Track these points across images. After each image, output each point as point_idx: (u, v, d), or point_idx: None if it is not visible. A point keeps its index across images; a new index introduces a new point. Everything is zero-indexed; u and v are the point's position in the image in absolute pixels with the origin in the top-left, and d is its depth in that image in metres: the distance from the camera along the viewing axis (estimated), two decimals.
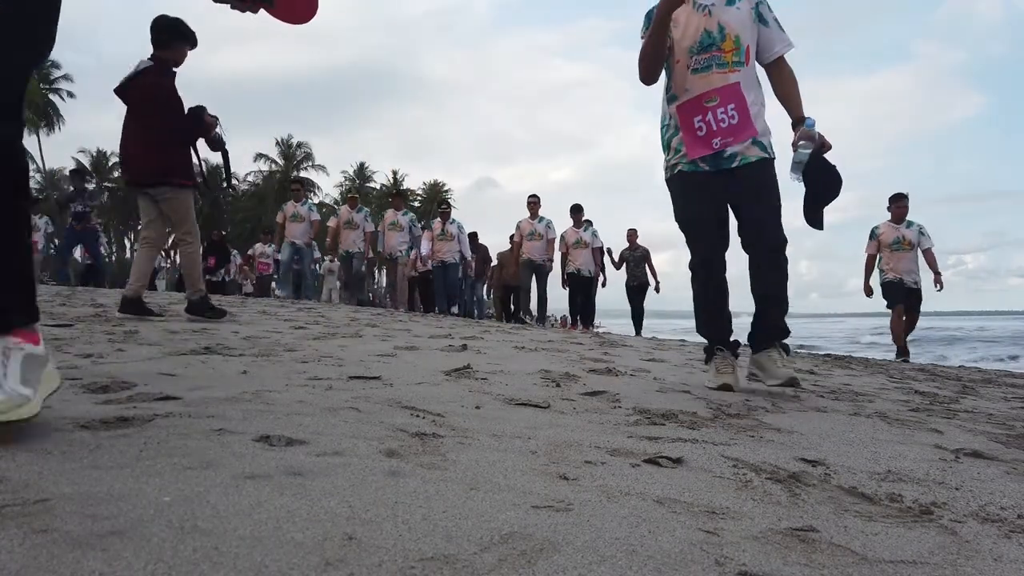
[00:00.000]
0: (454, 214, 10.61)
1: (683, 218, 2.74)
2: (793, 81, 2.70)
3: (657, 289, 10.77)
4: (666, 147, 2.77)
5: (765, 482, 1.29)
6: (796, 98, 2.68)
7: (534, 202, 9.75)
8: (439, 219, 10.28)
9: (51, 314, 3.92)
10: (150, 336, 3.14)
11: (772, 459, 1.48)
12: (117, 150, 5.69)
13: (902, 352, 7.23)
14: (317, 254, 12.43)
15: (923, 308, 7.37)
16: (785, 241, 2.61)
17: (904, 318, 7.17)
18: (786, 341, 2.88)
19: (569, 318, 10.23)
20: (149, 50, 4.36)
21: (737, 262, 2.79)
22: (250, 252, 13.94)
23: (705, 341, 2.79)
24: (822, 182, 2.64)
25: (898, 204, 7.19)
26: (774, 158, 2.67)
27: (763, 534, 0.99)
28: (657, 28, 2.53)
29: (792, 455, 1.54)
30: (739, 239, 2.67)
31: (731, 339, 2.75)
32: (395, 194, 11.45)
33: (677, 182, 2.72)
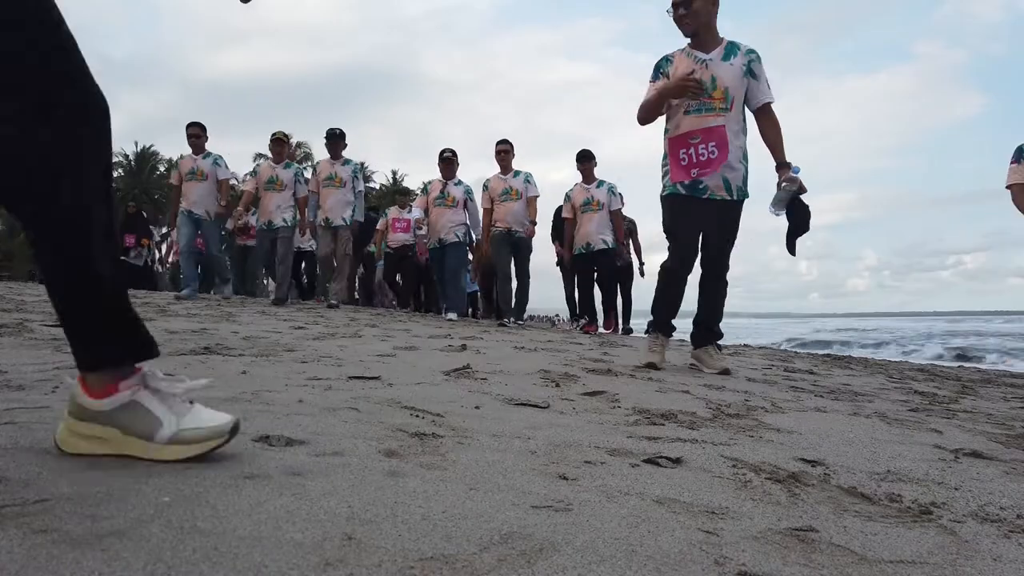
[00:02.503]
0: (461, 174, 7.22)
1: (668, 229, 3.37)
2: (777, 128, 3.26)
3: (642, 272, 8.29)
4: (662, 170, 3.39)
5: (765, 482, 1.29)
6: (779, 144, 3.24)
7: (505, 151, 6.84)
8: (438, 179, 7.20)
9: (50, 314, 3.92)
10: None
11: (772, 459, 1.48)
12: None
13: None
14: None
15: (921, 308, 7.01)
16: (728, 269, 3.40)
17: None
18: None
19: (575, 316, 7.35)
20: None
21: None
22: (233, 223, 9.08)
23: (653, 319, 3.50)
24: (801, 219, 3.25)
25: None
26: (740, 200, 3.27)
27: (762, 534, 0.99)
28: (663, 99, 3.22)
29: (792, 455, 1.54)
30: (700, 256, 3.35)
31: (671, 326, 3.49)
32: (333, 139, 7.16)
33: (667, 200, 3.35)
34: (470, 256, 8.27)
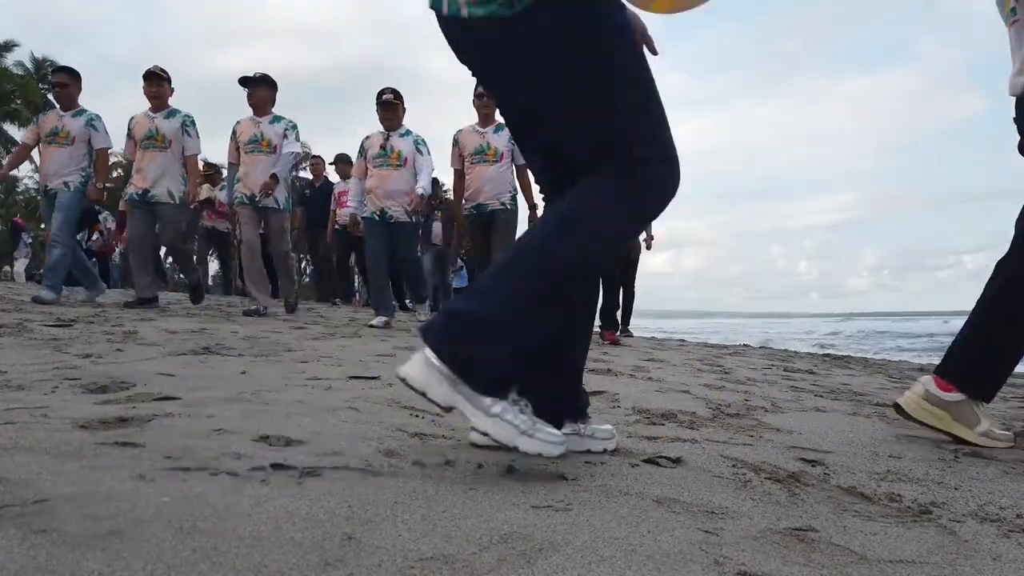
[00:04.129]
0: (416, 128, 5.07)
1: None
2: None
3: (648, 244, 6.66)
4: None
5: (764, 482, 1.29)
6: None
7: (484, 97, 4.77)
8: (378, 132, 5.02)
9: (50, 314, 3.92)
10: (149, 336, 3.14)
11: (771, 459, 1.49)
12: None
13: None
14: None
15: (918, 307, 6.69)
16: None
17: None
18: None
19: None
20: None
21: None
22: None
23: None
24: None
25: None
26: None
27: (762, 534, 0.99)
28: None
29: (791, 455, 1.54)
30: None
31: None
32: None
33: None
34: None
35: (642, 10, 1.29)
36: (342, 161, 8.35)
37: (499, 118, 4.82)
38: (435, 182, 7.19)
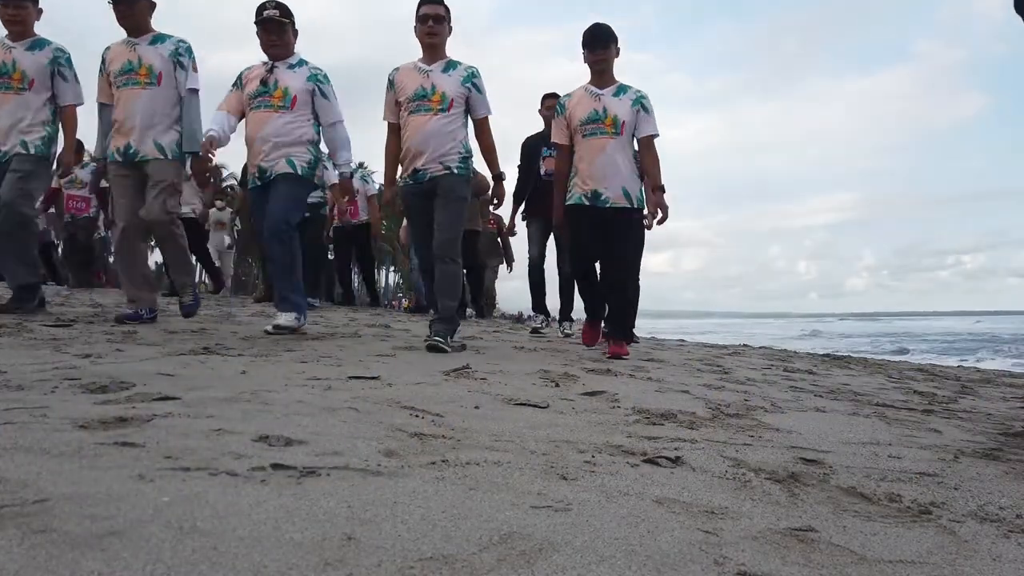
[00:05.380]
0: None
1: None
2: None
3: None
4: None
5: (764, 482, 1.29)
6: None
7: (437, 17, 3.50)
8: (260, 63, 3.68)
9: (50, 314, 3.92)
10: (149, 336, 3.14)
11: (771, 459, 1.49)
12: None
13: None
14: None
15: (922, 308, 6.64)
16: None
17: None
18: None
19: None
20: None
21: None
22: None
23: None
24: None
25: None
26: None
27: (762, 534, 0.99)
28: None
29: (791, 455, 1.54)
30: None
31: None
32: None
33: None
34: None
35: None
36: None
37: (452, 53, 3.59)
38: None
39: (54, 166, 4.04)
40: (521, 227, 5.68)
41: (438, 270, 3.48)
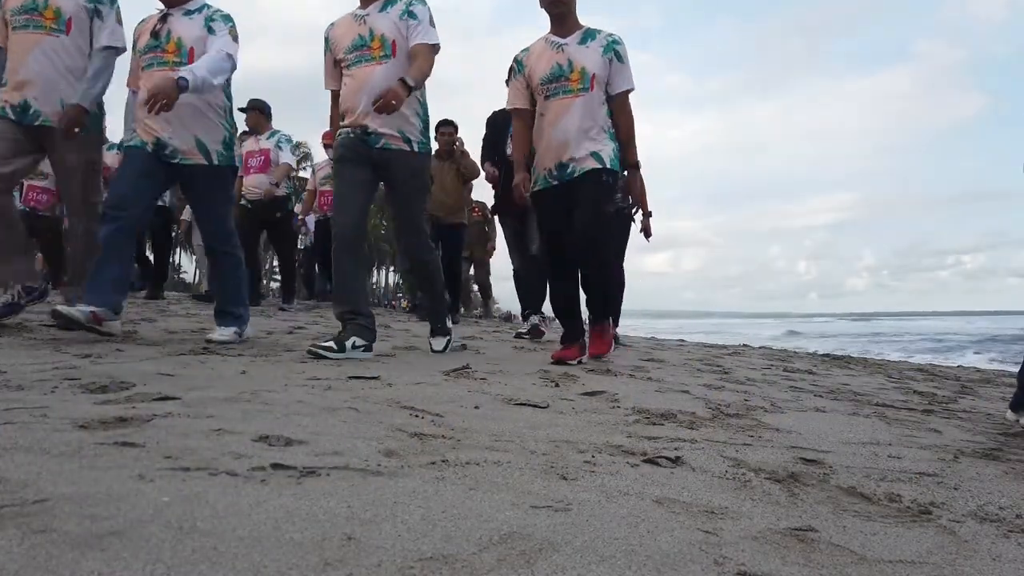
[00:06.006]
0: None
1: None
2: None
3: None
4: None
5: (764, 482, 1.29)
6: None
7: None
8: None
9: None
10: (149, 336, 3.14)
11: (771, 459, 1.49)
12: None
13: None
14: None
15: (922, 308, 6.54)
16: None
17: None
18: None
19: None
20: None
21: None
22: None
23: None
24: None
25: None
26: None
27: (762, 534, 0.99)
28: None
29: (791, 455, 1.54)
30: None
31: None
32: None
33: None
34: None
35: None
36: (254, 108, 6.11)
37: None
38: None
39: None
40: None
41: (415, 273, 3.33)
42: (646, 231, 4.72)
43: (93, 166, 3.13)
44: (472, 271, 8.62)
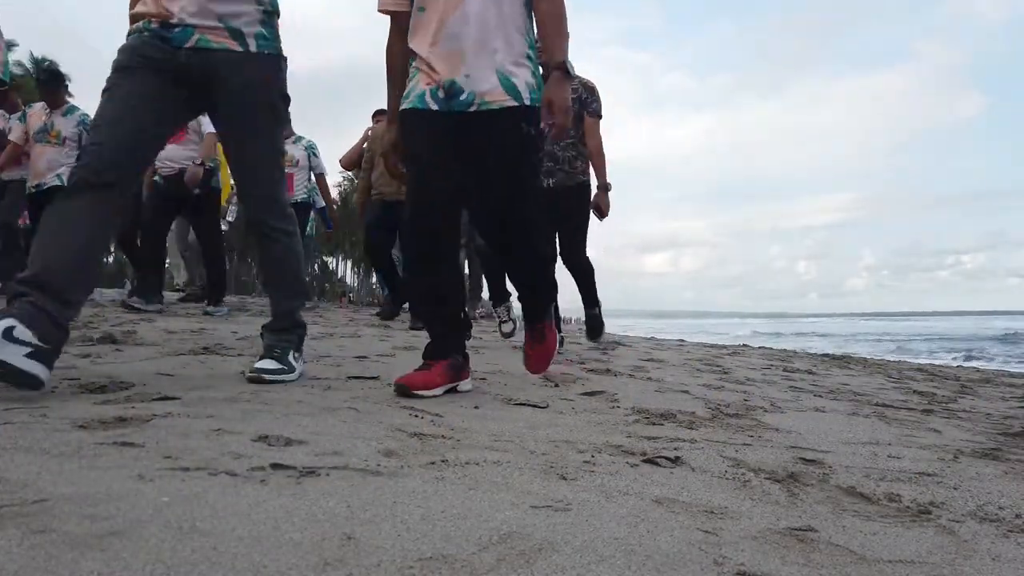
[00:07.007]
0: None
1: None
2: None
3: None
4: None
5: (764, 482, 1.29)
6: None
7: None
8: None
9: None
10: (148, 336, 3.14)
11: (771, 459, 1.49)
12: None
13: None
14: None
15: (921, 308, 6.62)
16: None
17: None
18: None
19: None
20: None
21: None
22: None
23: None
24: None
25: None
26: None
27: (761, 534, 0.99)
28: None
29: (791, 455, 1.54)
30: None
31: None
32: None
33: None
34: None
35: None
36: None
37: None
38: None
39: None
40: None
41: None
42: (599, 207, 3.87)
43: None
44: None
